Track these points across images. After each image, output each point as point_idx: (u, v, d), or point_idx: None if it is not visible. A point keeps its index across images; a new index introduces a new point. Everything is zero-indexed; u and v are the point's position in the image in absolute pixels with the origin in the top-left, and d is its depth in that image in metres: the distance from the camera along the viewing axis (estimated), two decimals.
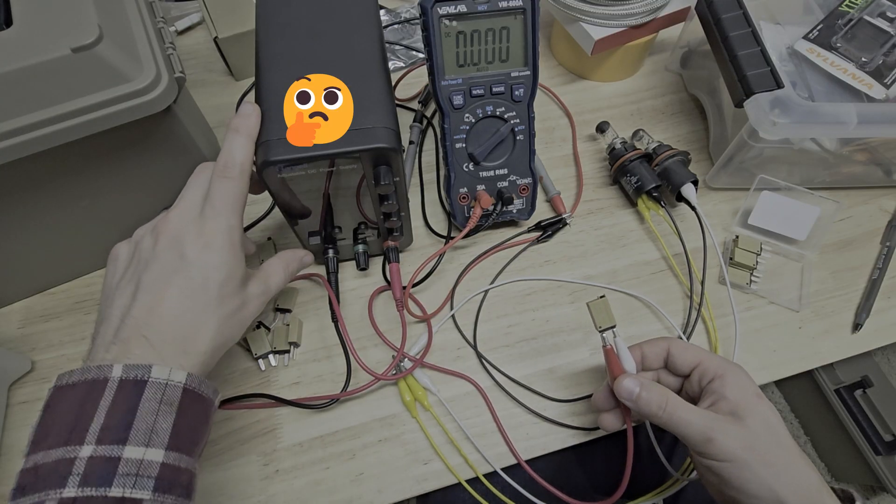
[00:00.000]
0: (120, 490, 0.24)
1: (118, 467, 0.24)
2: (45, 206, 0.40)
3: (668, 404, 0.32)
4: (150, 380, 0.26)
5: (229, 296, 0.31)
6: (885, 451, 0.88)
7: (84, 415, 0.25)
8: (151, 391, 0.26)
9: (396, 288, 0.44)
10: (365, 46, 0.38)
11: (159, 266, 0.29)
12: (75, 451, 0.24)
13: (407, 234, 0.46)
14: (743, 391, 0.32)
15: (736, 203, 0.53)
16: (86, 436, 0.24)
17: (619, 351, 0.35)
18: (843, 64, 0.47)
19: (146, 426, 0.25)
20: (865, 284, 0.49)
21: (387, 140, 0.34)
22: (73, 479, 0.23)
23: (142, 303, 0.28)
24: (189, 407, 0.27)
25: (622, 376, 0.34)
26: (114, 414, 0.25)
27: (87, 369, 0.26)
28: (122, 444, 0.25)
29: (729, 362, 0.34)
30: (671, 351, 0.35)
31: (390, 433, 0.42)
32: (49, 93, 0.32)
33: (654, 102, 0.60)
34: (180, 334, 0.28)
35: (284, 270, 0.36)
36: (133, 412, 0.25)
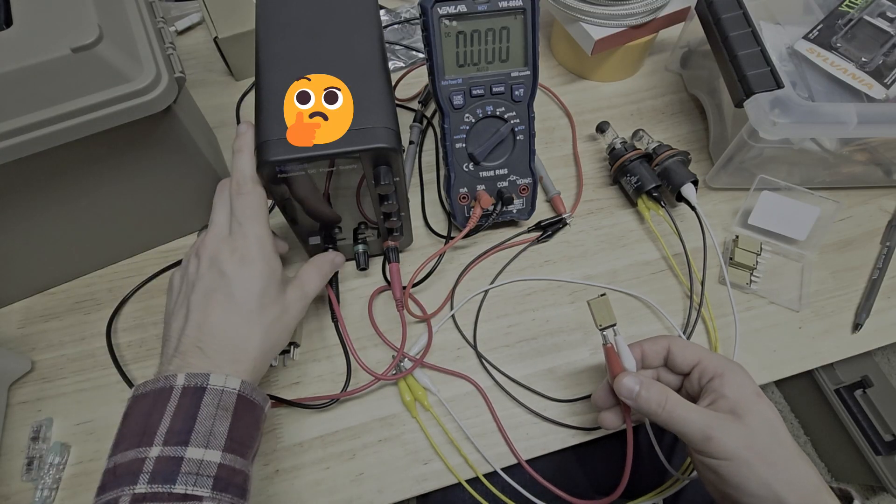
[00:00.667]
0: (183, 487, 0.26)
1: (181, 466, 0.27)
2: (45, 206, 0.40)
3: (667, 402, 0.32)
4: (208, 387, 0.29)
5: (269, 304, 0.33)
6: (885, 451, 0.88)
7: (153, 419, 0.28)
8: (210, 397, 0.29)
9: (396, 288, 0.44)
10: (365, 46, 0.38)
11: (203, 286, 0.32)
12: (146, 451, 0.27)
13: (407, 234, 0.46)
14: (742, 389, 0.32)
15: (736, 203, 0.53)
16: (154, 438, 0.27)
17: (620, 349, 0.35)
18: (843, 64, 0.47)
19: (205, 429, 0.28)
20: (865, 284, 0.49)
21: (387, 140, 0.34)
22: (144, 477, 0.26)
23: (193, 321, 0.31)
24: (243, 412, 0.30)
25: (622, 374, 0.34)
26: (177, 418, 0.28)
27: (157, 380, 0.29)
28: (185, 446, 0.27)
29: (729, 361, 0.34)
30: (671, 349, 0.35)
31: (390, 433, 0.42)
32: (49, 93, 0.32)
33: (654, 102, 0.60)
34: (230, 344, 0.31)
35: (318, 274, 0.39)
36: (194, 417, 0.28)
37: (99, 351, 0.45)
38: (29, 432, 0.41)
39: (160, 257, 0.49)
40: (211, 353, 0.30)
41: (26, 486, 0.40)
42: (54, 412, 0.42)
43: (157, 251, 0.49)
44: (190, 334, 0.31)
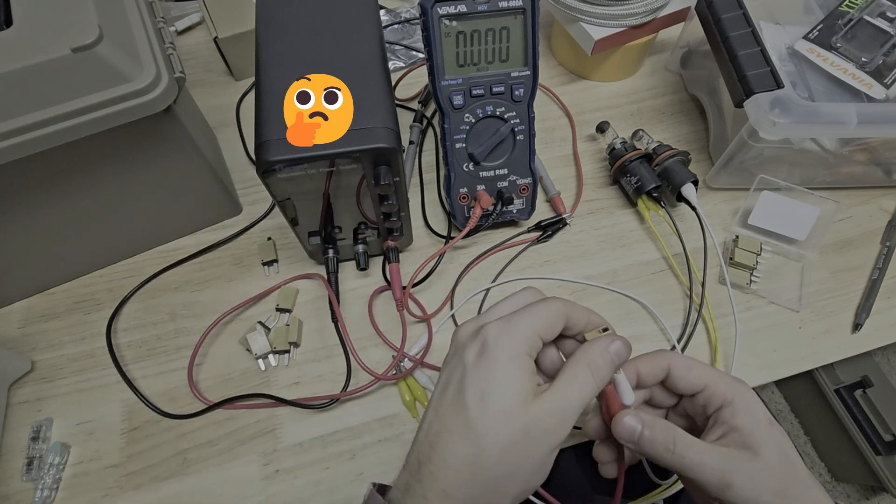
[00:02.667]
0: None
1: None
2: (46, 206, 0.40)
3: (676, 445, 0.27)
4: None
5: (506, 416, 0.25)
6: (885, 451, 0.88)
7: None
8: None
9: (396, 288, 0.44)
10: (365, 46, 0.38)
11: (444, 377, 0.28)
12: None
13: (407, 234, 0.46)
14: (754, 418, 0.28)
15: (736, 203, 0.53)
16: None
17: (620, 387, 0.30)
18: (843, 64, 0.47)
19: None
20: (865, 284, 0.49)
21: (387, 140, 0.34)
22: None
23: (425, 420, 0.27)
24: None
25: (621, 413, 0.29)
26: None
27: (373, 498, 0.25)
28: None
29: (736, 383, 0.30)
30: (672, 372, 0.30)
31: (390, 433, 0.42)
32: (49, 93, 0.32)
33: (654, 102, 0.60)
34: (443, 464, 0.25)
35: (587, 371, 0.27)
36: None
37: (99, 351, 0.45)
38: (29, 432, 0.41)
39: (160, 257, 0.49)
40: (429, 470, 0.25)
41: (26, 486, 0.40)
42: (54, 412, 0.42)
43: (157, 251, 0.49)
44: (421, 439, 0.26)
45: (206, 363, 0.44)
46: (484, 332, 0.26)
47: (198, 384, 0.43)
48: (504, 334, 0.26)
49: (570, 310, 0.28)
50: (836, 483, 1.04)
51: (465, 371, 0.26)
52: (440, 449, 0.25)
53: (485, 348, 0.26)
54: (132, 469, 0.40)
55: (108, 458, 0.41)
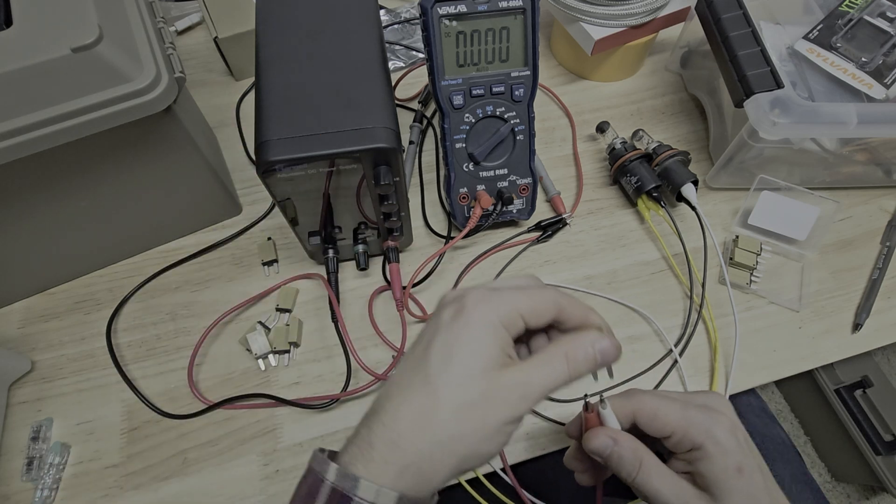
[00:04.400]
0: None
1: None
2: (46, 206, 0.40)
3: (639, 472, 0.28)
4: (354, 498, 0.23)
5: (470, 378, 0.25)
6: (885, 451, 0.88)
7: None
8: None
9: (396, 288, 0.44)
10: (365, 46, 0.38)
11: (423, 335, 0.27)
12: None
13: (407, 234, 0.46)
14: (722, 466, 0.27)
15: (736, 203, 0.53)
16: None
17: (606, 420, 0.30)
18: (843, 64, 0.47)
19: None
20: (865, 284, 0.49)
21: (387, 140, 0.34)
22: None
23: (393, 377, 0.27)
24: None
25: (596, 429, 0.29)
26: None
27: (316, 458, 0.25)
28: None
29: (708, 419, 0.28)
30: (637, 419, 0.29)
31: None
32: (49, 93, 0.32)
33: (654, 102, 0.60)
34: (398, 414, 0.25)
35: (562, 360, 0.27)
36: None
37: (99, 351, 0.45)
38: (29, 432, 0.41)
39: (160, 257, 0.49)
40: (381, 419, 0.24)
41: (26, 486, 0.40)
42: (54, 412, 0.42)
43: (157, 251, 0.49)
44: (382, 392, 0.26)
45: (206, 363, 0.44)
46: (465, 296, 0.26)
47: (198, 384, 0.43)
48: (483, 301, 0.25)
49: (564, 302, 0.27)
50: (836, 483, 1.04)
51: (436, 329, 0.25)
52: (395, 399, 0.25)
53: (461, 310, 0.25)
54: (132, 469, 0.40)
55: (108, 458, 0.41)
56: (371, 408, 0.26)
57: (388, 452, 0.24)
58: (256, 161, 0.34)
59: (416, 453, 0.24)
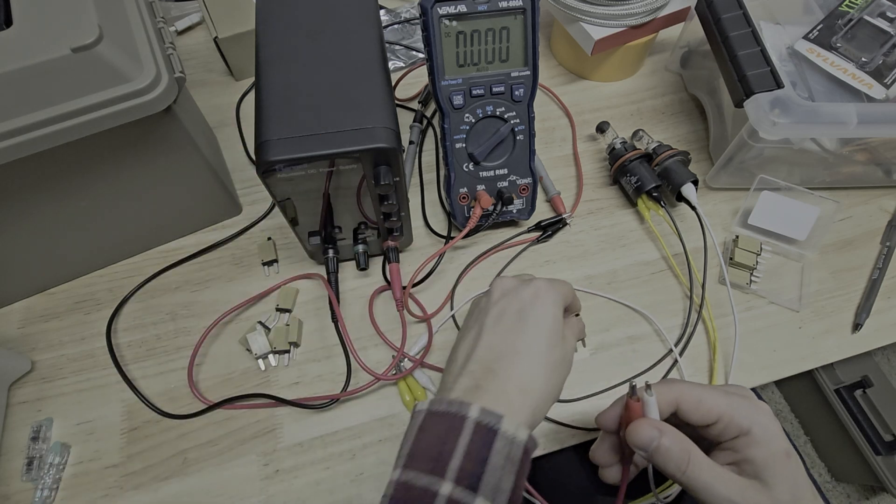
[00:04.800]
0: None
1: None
2: (46, 206, 0.40)
3: (689, 465, 0.28)
4: (500, 431, 0.27)
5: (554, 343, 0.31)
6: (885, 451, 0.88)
7: (446, 448, 0.27)
8: (500, 444, 0.27)
9: (396, 288, 0.44)
10: (365, 46, 0.38)
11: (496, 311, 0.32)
12: (438, 484, 0.26)
13: (407, 233, 0.46)
14: (771, 451, 0.28)
15: (736, 203, 0.53)
16: (446, 471, 0.26)
17: (647, 407, 0.29)
18: (843, 64, 0.47)
19: (494, 480, 0.26)
20: (865, 284, 0.49)
21: (386, 140, 0.34)
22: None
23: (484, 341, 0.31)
24: (524, 468, 0.27)
25: (641, 420, 0.29)
26: (469, 458, 0.26)
27: (451, 402, 0.28)
28: (475, 493, 0.26)
29: (753, 411, 0.29)
30: (681, 406, 0.29)
31: (390, 433, 0.42)
32: (49, 93, 0.32)
33: (654, 102, 0.60)
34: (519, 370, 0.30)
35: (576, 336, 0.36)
36: (485, 461, 0.26)
37: (99, 351, 0.45)
38: (29, 432, 0.41)
39: (160, 257, 0.49)
40: (502, 375, 0.29)
41: (26, 486, 0.40)
42: (54, 412, 0.42)
43: (157, 251, 0.49)
44: (480, 355, 0.30)
45: (206, 363, 0.44)
46: (536, 283, 0.33)
47: (198, 384, 0.43)
48: (552, 289, 0.33)
49: (574, 292, 0.36)
50: (836, 483, 1.04)
51: (522, 306, 0.32)
52: (510, 359, 0.30)
53: (538, 293, 0.32)
54: (132, 469, 0.40)
55: (108, 458, 0.41)
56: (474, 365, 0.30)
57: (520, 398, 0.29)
58: (256, 161, 0.34)
59: (538, 398, 0.29)
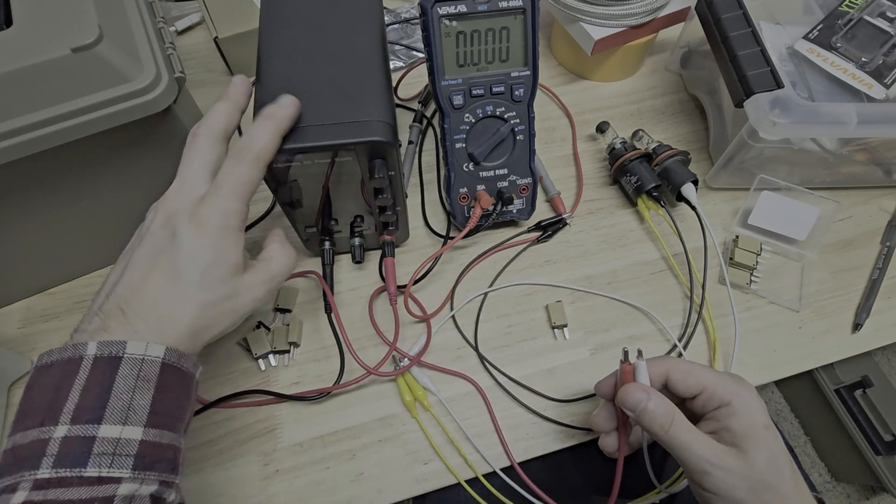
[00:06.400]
0: (96, 469, 0.24)
1: (93, 447, 0.24)
2: (46, 206, 0.40)
3: (671, 426, 0.30)
4: (125, 356, 0.26)
5: (215, 283, 0.29)
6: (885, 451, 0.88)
7: (59, 395, 0.25)
8: (127, 368, 0.25)
9: (391, 282, 0.44)
10: (366, 41, 0.38)
11: (150, 244, 0.29)
12: (50, 431, 0.24)
13: (403, 229, 0.46)
14: (750, 421, 0.30)
15: (736, 203, 0.53)
16: (60, 416, 0.24)
17: (638, 371, 0.33)
18: (843, 64, 0.47)
19: (122, 404, 0.25)
20: (865, 284, 0.49)
21: (382, 133, 0.34)
22: (47, 461, 0.23)
23: (127, 279, 0.28)
24: (169, 382, 0.27)
25: (631, 384, 0.32)
26: (88, 392, 0.25)
27: (63, 348, 0.26)
28: (98, 424, 0.24)
29: (737, 384, 0.32)
30: (670, 377, 0.33)
31: (390, 433, 0.42)
32: (49, 93, 0.32)
33: (654, 102, 0.60)
34: (158, 313, 0.28)
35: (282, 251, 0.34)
36: (108, 390, 0.25)
37: None
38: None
39: None
40: (133, 317, 0.27)
41: None
42: None
43: None
44: (119, 293, 0.28)
45: (205, 363, 0.44)
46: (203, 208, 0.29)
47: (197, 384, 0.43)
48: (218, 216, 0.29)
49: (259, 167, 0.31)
50: (836, 483, 1.04)
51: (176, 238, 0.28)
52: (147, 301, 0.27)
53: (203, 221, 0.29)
54: None
55: None
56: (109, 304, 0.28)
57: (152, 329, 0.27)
58: None
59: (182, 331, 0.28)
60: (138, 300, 0.28)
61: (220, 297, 0.29)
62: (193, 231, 0.29)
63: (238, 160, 0.30)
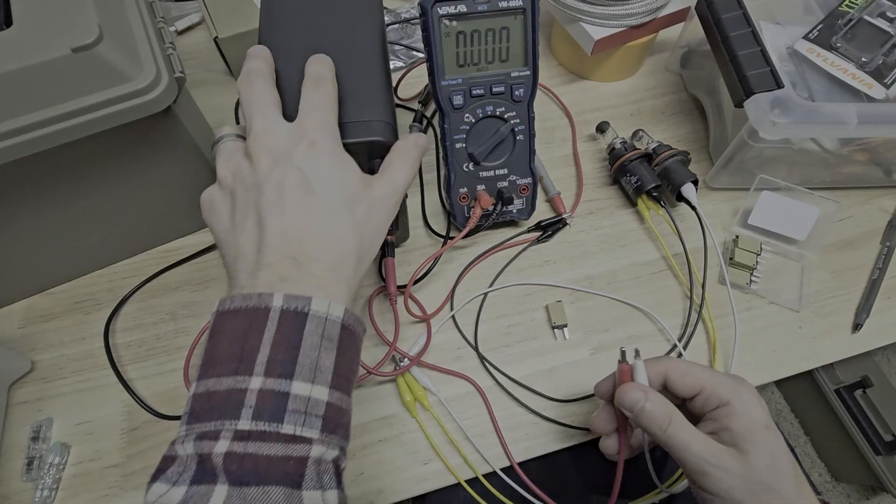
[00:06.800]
0: (291, 427, 0.23)
1: (287, 403, 0.23)
2: (45, 206, 0.40)
3: (670, 425, 0.30)
4: (310, 312, 0.25)
5: (356, 199, 0.29)
6: (885, 452, 0.88)
7: (250, 344, 0.24)
8: (312, 325, 0.25)
9: (391, 282, 0.44)
10: (366, 41, 0.38)
11: (276, 187, 0.27)
12: (245, 381, 0.23)
13: (403, 229, 0.46)
14: (749, 421, 0.30)
15: (736, 203, 0.53)
16: (254, 367, 0.24)
17: (636, 371, 0.33)
18: (843, 64, 0.47)
19: (311, 362, 0.24)
20: (865, 284, 0.49)
21: (382, 133, 0.34)
22: (247, 412, 0.23)
23: (272, 228, 0.26)
24: (346, 344, 0.26)
25: (628, 384, 0.32)
26: (279, 346, 0.24)
27: (248, 296, 0.25)
28: (290, 379, 0.24)
29: (735, 384, 0.31)
30: (668, 377, 0.32)
31: (390, 433, 0.42)
32: (49, 93, 0.32)
33: (654, 102, 0.60)
34: (325, 247, 0.27)
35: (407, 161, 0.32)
36: (297, 346, 0.24)
37: (99, 351, 0.44)
38: (29, 432, 0.41)
39: (160, 257, 0.49)
40: (306, 261, 0.26)
41: (26, 486, 0.40)
42: (54, 412, 0.42)
43: (157, 251, 0.49)
44: (273, 244, 0.26)
45: None
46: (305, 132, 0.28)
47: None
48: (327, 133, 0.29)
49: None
50: (837, 483, 1.04)
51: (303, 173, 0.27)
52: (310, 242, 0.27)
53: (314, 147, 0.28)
54: (132, 469, 0.40)
55: (108, 458, 0.41)
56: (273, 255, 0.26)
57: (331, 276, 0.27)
58: None
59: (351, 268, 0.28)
60: (305, 243, 0.26)
61: (365, 213, 0.29)
62: (315, 159, 0.28)
63: (318, 84, 0.30)
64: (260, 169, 0.28)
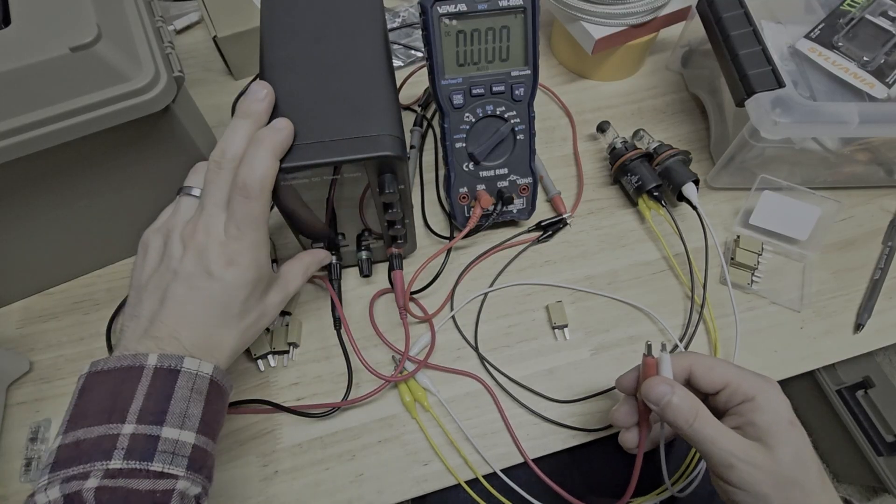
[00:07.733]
0: (160, 465, 0.27)
1: (157, 444, 0.27)
2: (45, 205, 0.40)
3: (696, 419, 0.30)
4: (182, 370, 0.29)
5: (251, 309, 0.33)
6: (887, 452, 0.88)
7: (122, 398, 0.27)
8: (184, 380, 0.29)
9: (399, 295, 0.43)
10: (370, 53, 0.38)
11: (186, 279, 0.31)
12: (117, 428, 0.27)
13: (411, 241, 0.46)
14: (775, 417, 0.30)
15: (737, 203, 0.53)
16: (126, 416, 0.27)
17: (662, 363, 0.32)
18: (845, 63, 0.47)
19: (180, 411, 0.28)
20: (867, 284, 0.49)
21: (392, 148, 0.34)
22: (119, 453, 0.26)
23: (170, 311, 0.30)
24: (214, 397, 0.30)
25: (655, 378, 0.32)
26: (151, 398, 0.28)
27: (122, 357, 0.28)
28: (160, 425, 0.27)
29: (760, 380, 0.32)
30: (694, 372, 0.32)
31: (390, 434, 0.42)
32: (47, 92, 0.32)
33: (654, 102, 0.60)
34: (207, 342, 0.31)
35: (303, 275, 0.38)
36: (168, 398, 0.28)
37: (98, 351, 0.44)
38: (27, 433, 0.41)
39: None
40: (189, 346, 0.30)
41: (25, 487, 0.40)
42: (53, 413, 0.42)
43: None
44: (167, 322, 0.30)
45: None
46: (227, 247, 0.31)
47: None
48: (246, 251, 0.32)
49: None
50: (838, 484, 1.04)
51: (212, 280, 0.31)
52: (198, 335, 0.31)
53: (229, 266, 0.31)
54: None
55: None
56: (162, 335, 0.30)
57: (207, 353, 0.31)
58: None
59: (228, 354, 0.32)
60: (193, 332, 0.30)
61: (253, 321, 0.34)
62: (229, 270, 0.31)
63: (247, 198, 0.31)
64: (185, 259, 0.31)
